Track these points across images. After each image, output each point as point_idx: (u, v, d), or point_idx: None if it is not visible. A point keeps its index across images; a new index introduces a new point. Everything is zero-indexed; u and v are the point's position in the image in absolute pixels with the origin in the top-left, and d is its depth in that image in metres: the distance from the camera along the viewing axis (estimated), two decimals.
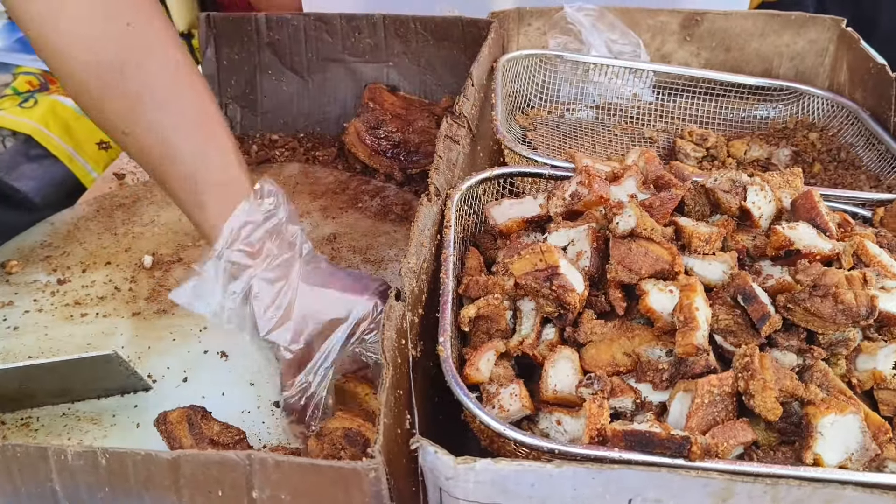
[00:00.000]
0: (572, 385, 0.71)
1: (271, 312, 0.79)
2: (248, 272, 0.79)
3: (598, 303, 0.77)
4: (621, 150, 1.27)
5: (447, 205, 0.89)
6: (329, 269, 0.85)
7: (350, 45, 1.42)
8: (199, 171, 0.78)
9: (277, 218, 0.80)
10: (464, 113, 1.04)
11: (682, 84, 1.33)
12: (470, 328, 0.77)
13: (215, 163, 0.79)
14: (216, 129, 0.81)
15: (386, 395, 0.61)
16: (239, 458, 0.55)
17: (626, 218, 0.76)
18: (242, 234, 0.78)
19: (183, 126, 0.77)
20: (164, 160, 0.78)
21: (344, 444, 0.76)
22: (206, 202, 0.79)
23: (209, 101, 0.82)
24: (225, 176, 0.79)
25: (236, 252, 0.78)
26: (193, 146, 0.78)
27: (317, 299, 0.80)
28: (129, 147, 0.80)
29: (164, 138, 0.77)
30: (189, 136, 0.78)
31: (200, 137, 0.79)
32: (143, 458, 0.56)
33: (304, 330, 0.80)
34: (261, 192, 0.81)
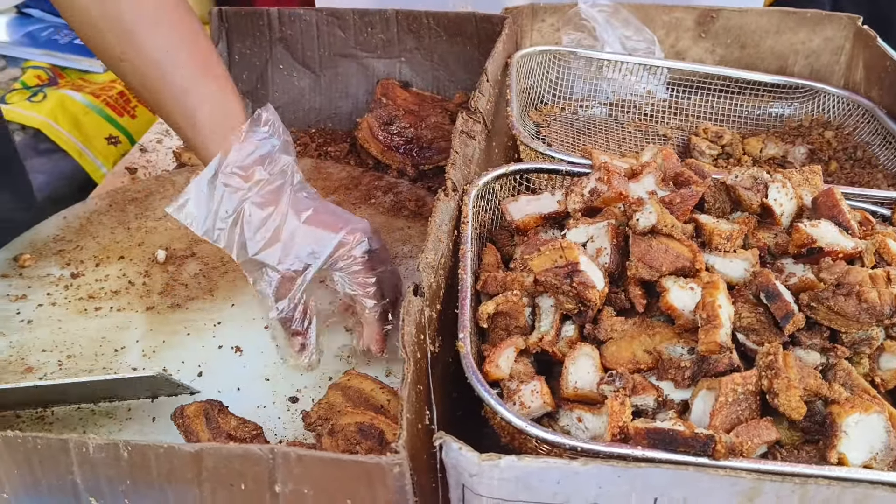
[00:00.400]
0: (593, 382, 0.70)
1: (260, 235, 0.81)
2: (239, 195, 0.80)
3: (618, 300, 0.77)
4: (635, 148, 1.26)
5: (464, 200, 0.88)
6: (317, 199, 0.87)
7: (362, 41, 1.42)
8: (193, 95, 0.80)
9: (271, 145, 0.82)
10: (479, 108, 1.04)
11: (697, 81, 1.33)
12: (488, 324, 0.77)
13: (210, 87, 0.81)
14: (210, 56, 0.83)
15: (408, 391, 0.60)
16: (262, 451, 0.55)
17: (647, 214, 0.76)
18: (237, 158, 0.79)
19: (176, 51, 0.79)
20: (158, 83, 0.80)
21: (358, 438, 0.76)
22: (200, 125, 0.80)
23: (201, 31, 0.84)
24: (220, 100, 0.81)
25: (231, 175, 0.79)
26: (187, 70, 0.80)
27: (304, 225, 0.83)
28: (125, 73, 0.81)
29: (158, 61, 0.78)
30: (183, 61, 0.80)
31: (194, 62, 0.81)
32: (165, 450, 0.56)
33: (291, 252, 0.82)
34: (259, 118, 0.82)
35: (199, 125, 0.80)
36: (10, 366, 0.92)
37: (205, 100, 0.80)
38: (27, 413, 0.86)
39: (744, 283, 0.75)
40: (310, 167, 1.30)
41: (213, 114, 0.80)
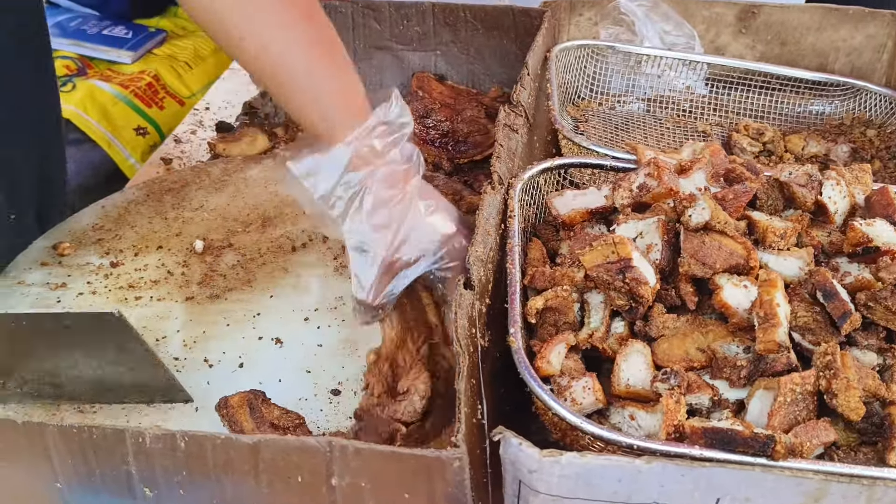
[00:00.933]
0: (645, 379, 0.69)
1: (381, 214, 0.79)
2: (368, 169, 0.78)
3: (668, 296, 0.76)
4: (674, 144, 1.25)
5: (510, 194, 0.87)
6: (437, 194, 0.85)
7: (398, 33, 1.41)
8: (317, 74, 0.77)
9: (404, 131, 0.80)
10: (521, 102, 1.03)
11: (737, 77, 1.31)
12: (537, 320, 0.76)
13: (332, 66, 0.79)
14: (329, 34, 0.80)
15: (464, 384, 0.59)
16: (319, 444, 0.54)
17: (700, 210, 0.75)
18: (376, 132, 0.77)
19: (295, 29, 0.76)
20: (280, 64, 0.76)
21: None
22: (326, 103, 0.77)
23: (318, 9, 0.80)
24: (344, 78, 0.79)
25: (365, 147, 0.77)
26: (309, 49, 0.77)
27: (427, 218, 0.81)
28: (246, 56, 0.77)
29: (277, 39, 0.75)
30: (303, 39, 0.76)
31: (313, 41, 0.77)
32: (222, 441, 0.55)
33: (409, 241, 0.80)
34: (390, 101, 0.80)
35: (325, 104, 0.78)
36: None
37: (329, 78, 0.78)
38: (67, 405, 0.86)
39: (798, 281, 0.74)
40: None
41: (339, 92, 0.78)
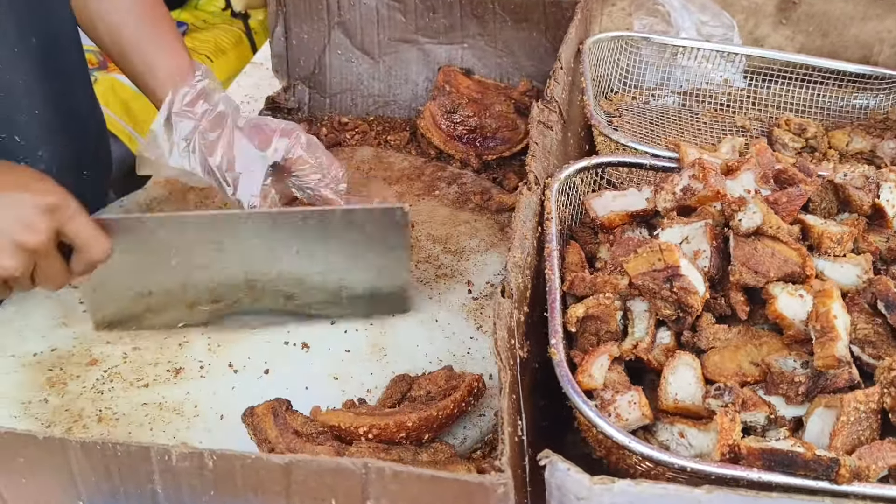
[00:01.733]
0: (695, 394, 0.66)
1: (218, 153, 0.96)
2: (191, 124, 0.96)
3: (717, 306, 0.72)
4: (711, 139, 1.20)
5: (546, 195, 0.84)
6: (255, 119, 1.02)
7: (423, 25, 1.37)
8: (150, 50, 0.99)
9: (205, 85, 0.98)
10: (555, 97, 0.99)
11: (777, 70, 1.26)
12: (577, 328, 0.72)
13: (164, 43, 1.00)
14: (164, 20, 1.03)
15: (507, 401, 0.56)
16: (354, 466, 0.51)
17: (751, 215, 0.71)
18: (184, 98, 0.96)
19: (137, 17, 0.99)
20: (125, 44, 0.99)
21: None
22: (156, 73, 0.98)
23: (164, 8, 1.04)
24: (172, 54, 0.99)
25: (181, 111, 0.96)
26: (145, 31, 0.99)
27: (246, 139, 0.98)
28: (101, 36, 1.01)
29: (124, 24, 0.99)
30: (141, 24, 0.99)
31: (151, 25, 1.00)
32: (252, 461, 0.52)
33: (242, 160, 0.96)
34: (197, 69, 0.99)
35: (156, 73, 0.98)
36: (74, 357, 0.90)
37: (162, 65, 0.98)
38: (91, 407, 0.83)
39: (856, 290, 0.70)
40: (370, 156, 1.27)
41: (169, 75, 0.97)
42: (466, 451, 0.80)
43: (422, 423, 0.75)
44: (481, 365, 0.88)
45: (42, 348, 0.91)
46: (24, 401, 0.85)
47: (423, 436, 0.75)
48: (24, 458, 0.57)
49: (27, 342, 0.92)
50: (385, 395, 0.84)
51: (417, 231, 1.09)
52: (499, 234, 1.09)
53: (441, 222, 1.11)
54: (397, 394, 0.83)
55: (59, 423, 0.82)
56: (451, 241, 1.07)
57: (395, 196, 1.16)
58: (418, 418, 0.75)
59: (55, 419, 0.83)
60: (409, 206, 0.86)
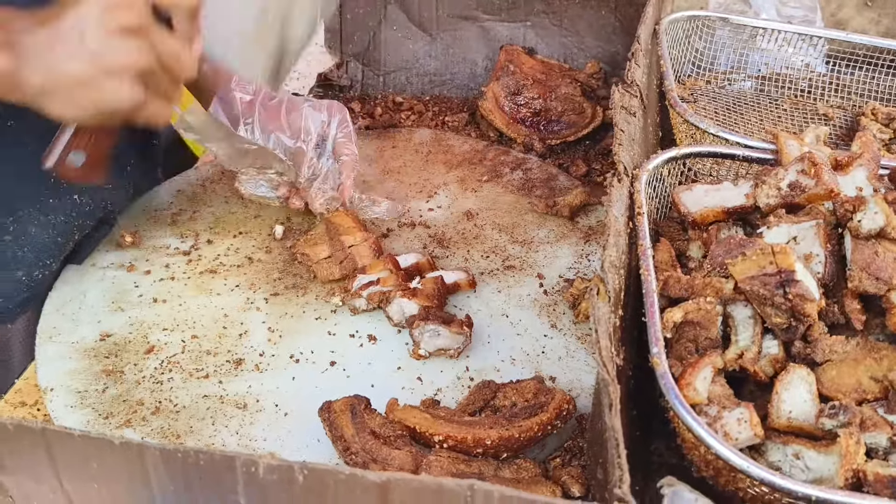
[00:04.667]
0: (810, 412, 0.61)
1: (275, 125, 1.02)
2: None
3: (830, 313, 0.66)
4: (792, 128, 1.13)
5: (635, 187, 0.78)
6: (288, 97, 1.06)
7: (485, 2, 1.31)
8: None
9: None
10: (636, 81, 0.93)
11: (861, 55, 1.18)
12: (673, 334, 0.67)
13: None
14: None
15: (618, 421, 0.51)
16: (459, 487, 0.47)
17: (872, 216, 0.65)
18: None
19: None
20: None
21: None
22: None
23: None
24: None
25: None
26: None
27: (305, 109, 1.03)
28: None
29: None
30: None
31: None
32: (346, 477, 0.48)
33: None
34: None
35: None
36: (131, 345, 0.86)
37: None
38: (150, 400, 0.80)
39: None
40: (429, 138, 1.21)
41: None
42: (545, 458, 0.75)
43: (502, 442, 0.71)
44: (558, 366, 0.84)
45: (97, 334, 0.87)
46: (81, 390, 0.81)
47: (501, 454, 0.71)
48: (97, 463, 0.53)
49: (81, 327, 0.88)
50: (467, 400, 0.79)
51: (482, 219, 1.05)
52: (568, 224, 1.03)
53: (506, 210, 1.06)
54: (480, 401, 0.79)
55: (116, 413, 0.79)
56: (517, 231, 1.02)
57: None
58: (499, 437, 0.70)
59: (113, 410, 0.80)
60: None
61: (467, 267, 0.96)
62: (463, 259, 0.98)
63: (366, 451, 0.71)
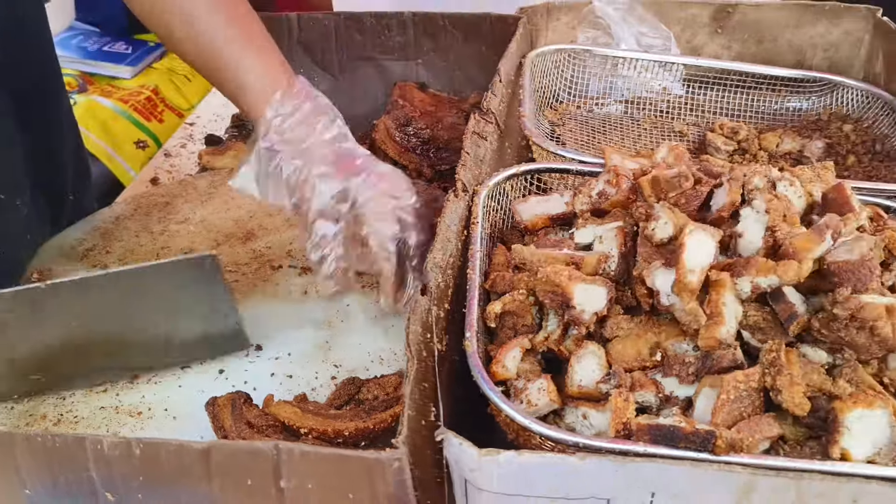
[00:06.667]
0: (597, 380, 0.71)
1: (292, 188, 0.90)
2: (279, 155, 0.89)
3: (626, 297, 0.77)
4: (651, 145, 1.26)
5: (474, 201, 0.89)
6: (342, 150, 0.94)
7: (380, 43, 1.43)
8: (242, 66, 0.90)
9: (304, 111, 0.91)
10: (491, 109, 1.05)
11: (713, 77, 1.32)
12: (496, 324, 0.78)
13: (256, 59, 0.90)
14: (256, 31, 0.93)
15: (410, 388, 0.62)
16: (266, 448, 0.57)
17: (663, 226, 0.76)
18: (274, 123, 0.89)
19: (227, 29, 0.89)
20: (214, 59, 0.90)
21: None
22: (249, 90, 0.90)
23: (248, 10, 0.93)
24: (264, 69, 0.90)
25: (271, 139, 0.89)
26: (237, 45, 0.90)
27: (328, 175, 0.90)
28: (186, 52, 0.91)
29: (213, 40, 0.89)
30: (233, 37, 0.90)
31: (243, 38, 0.91)
32: (175, 447, 0.58)
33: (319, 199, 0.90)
34: (292, 84, 0.91)
35: (248, 91, 0.90)
36: None
37: (250, 70, 0.89)
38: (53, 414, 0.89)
39: None
40: None
41: (258, 81, 0.90)
42: None
43: (358, 432, 0.80)
44: None
45: None
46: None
47: (359, 442, 0.81)
48: None
49: None
50: (334, 395, 0.89)
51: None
52: None
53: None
54: (345, 395, 0.88)
55: (23, 427, 0.88)
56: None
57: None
58: (355, 428, 0.80)
59: (20, 423, 0.88)
60: (217, 252, 0.83)
61: None
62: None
63: (240, 439, 0.81)
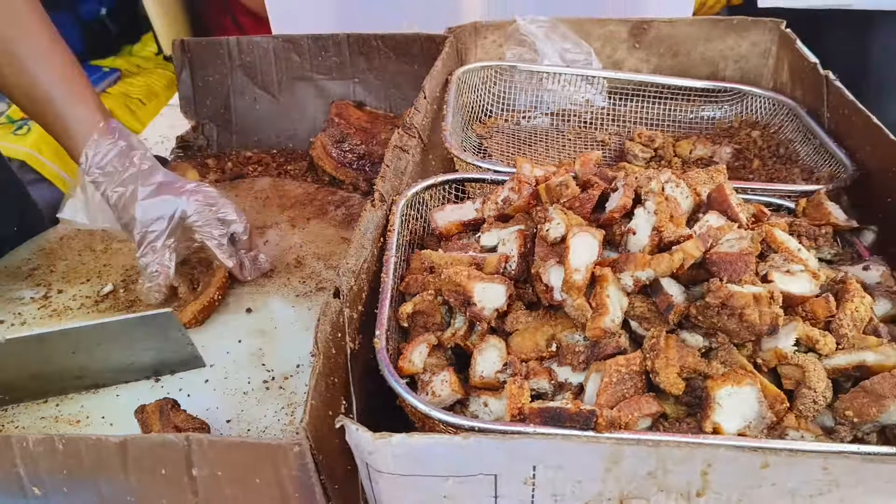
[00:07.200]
0: (496, 371, 0.77)
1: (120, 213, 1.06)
2: (103, 185, 1.05)
3: (527, 294, 0.84)
4: (574, 154, 1.33)
5: (392, 210, 0.95)
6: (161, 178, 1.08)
7: (317, 64, 1.50)
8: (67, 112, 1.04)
9: (120, 146, 1.06)
10: (414, 124, 1.11)
11: (633, 89, 1.40)
12: (409, 323, 0.84)
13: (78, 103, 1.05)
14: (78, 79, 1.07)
15: (315, 381, 0.67)
16: (178, 439, 0.62)
17: (556, 226, 0.82)
18: (95, 160, 1.04)
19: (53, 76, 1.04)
20: (42, 104, 1.04)
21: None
22: (70, 133, 1.05)
23: (72, 61, 1.07)
24: (83, 114, 1.05)
25: (94, 173, 1.05)
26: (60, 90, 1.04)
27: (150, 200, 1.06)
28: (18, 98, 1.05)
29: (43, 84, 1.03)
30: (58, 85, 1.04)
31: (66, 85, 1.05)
32: (94, 442, 0.62)
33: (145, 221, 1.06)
34: (107, 126, 1.06)
35: (72, 133, 1.05)
36: None
37: (72, 116, 1.04)
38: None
39: None
40: (268, 185, 1.38)
41: (80, 124, 1.04)
42: None
43: None
44: None
45: None
46: None
47: None
48: None
49: None
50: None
51: (304, 251, 1.21)
52: None
53: (327, 241, 1.22)
54: None
55: None
56: (333, 258, 1.18)
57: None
58: None
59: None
60: (172, 311, 0.91)
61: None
62: (283, 285, 1.14)
63: None
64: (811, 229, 0.95)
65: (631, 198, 0.85)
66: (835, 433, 0.73)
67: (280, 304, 1.10)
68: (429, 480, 0.65)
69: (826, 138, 1.17)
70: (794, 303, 0.79)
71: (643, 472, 0.63)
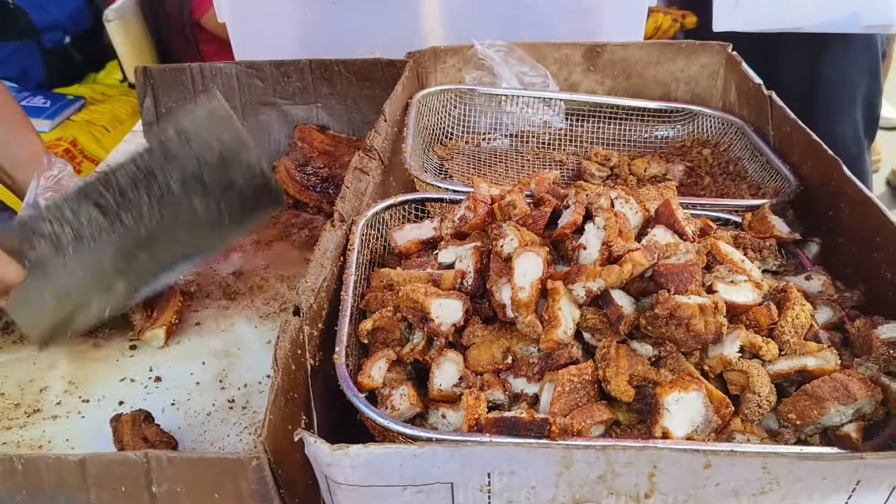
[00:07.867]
0: (453, 384, 0.79)
1: None
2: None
3: (483, 309, 0.86)
4: (533, 174, 1.36)
5: (352, 230, 0.97)
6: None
7: (280, 89, 1.52)
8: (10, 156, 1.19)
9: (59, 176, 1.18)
10: (374, 147, 1.13)
11: (589, 110, 1.44)
12: (369, 340, 0.85)
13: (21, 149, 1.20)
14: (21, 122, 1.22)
15: (274, 396, 0.68)
16: (137, 456, 0.63)
17: (509, 242, 0.85)
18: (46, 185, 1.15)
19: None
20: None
21: None
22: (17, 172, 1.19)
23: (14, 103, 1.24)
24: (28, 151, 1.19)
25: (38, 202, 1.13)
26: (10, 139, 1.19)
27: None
28: None
29: None
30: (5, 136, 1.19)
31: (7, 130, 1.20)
32: (54, 461, 0.63)
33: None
34: (48, 162, 1.19)
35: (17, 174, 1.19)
36: None
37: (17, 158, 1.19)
38: None
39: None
40: None
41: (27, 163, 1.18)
42: None
43: None
44: None
45: None
46: None
47: None
48: None
49: None
50: None
51: (268, 272, 1.22)
52: None
53: (290, 263, 1.24)
54: None
55: None
56: (296, 280, 1.19)
57: None
58: None
59: None
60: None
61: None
62: (247, 306, 1.15)
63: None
64: (756, 242, 0.99)
65: (581, 214, 0.88)
66: (779, 435, 0.76)
67: (244, 325, 1.11)
68: (386, 490, 0.66)
69: (771, 155, 1.21)
70: (737, 311, 0.82)
71: (594, 476, 0.65)
